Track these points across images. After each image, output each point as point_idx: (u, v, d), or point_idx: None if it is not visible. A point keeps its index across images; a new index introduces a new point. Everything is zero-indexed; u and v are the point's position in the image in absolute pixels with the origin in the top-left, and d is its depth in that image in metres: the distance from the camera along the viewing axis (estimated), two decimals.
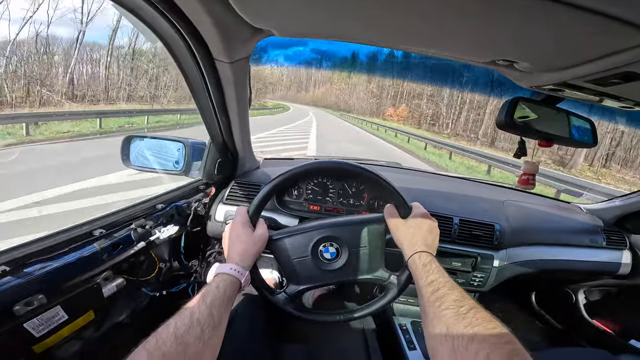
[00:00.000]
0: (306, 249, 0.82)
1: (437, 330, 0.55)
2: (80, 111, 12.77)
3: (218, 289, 0.64)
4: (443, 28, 0.57)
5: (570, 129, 0.85)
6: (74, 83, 17.11)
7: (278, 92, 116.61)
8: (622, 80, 0.62)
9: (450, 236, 1.19)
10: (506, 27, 0.52)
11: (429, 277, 0.65)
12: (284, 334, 1.07)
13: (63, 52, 17.56)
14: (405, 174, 1.66)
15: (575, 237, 1.36)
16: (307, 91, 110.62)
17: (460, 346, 0.49)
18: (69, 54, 17.59)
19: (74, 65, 16.96)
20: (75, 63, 17.18)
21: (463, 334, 0.50)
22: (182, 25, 0.61)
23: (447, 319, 0.54)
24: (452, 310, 0.55)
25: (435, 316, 0.57)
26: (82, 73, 17.75)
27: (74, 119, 9.90)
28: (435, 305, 0.59)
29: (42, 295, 0.68)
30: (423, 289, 0.64)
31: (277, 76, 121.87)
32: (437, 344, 0.54)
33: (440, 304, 0.58)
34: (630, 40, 0.46)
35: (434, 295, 0.61)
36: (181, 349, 0.51)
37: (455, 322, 0.53)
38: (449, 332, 0.52)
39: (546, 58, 0.63)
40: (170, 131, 10.99)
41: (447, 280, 0.64)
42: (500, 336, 0.48)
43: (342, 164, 0.86)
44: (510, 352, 0.45)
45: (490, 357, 0.45)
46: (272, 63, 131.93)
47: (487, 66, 0.75)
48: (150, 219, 1.03)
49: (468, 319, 0.52)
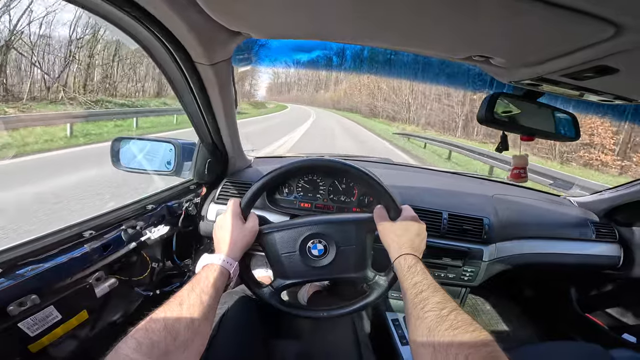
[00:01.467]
0: (294, 245, 0.83)
1: (419, 332, 0.56)
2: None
3: (207, 278, 0.65)
4: (419, 26, 0.58)
5: (552, 123, 0.86)
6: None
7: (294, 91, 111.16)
8: (597, 74, 0.62)
9: (439, 231, 1.20)
10: (479, 24, 0.52)
11: (414, 279, 0.66)
12: (276, 331, 1.08)
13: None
14: (396, 170, 1.67)
15: (565, 231, 1.37)
16: (326, 89, 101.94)
17: (441, 348, 0.50)
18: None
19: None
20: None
21: (444, 336, 0.51)
22: (158, 30, 0.62)
23: (429, 321, 0.56)
24: (434, 313, 0.56)
25: (417, 318, 0.58)
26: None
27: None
28: (419, 307, 0.60)
29: (35, 296, 0.70)
30: (407, 291, 0.65)
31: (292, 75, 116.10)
32: (419, 345, 0.55)
33: (423, 306, 0.59)
34: (600, 34, 0.46)
35: (417, 298, 0.62)
36: (170, 338, 0.51)
37: (437, 324, 0.54)
38: (430, 334, 0.53)
39: (520, 53, 0.64)
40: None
41: (431, 283, 0.65)
42: (479, 338, 0.49)
43: (335, 162, 0.87)
44: (488, 354, 0.47)
45: (469, 359, 0.46)
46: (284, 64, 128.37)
47: (465, 62, 0.76)
48: (140, 219, 1.05)
49: (449, 321, 0.53)
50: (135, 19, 0.58)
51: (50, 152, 6.14)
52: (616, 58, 0.54)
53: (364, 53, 68.82)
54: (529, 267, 1.33)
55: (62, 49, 15.56)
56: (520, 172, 0.96)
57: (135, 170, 1.17)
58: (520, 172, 0.96)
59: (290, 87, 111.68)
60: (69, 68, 15.58)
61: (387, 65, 49.71)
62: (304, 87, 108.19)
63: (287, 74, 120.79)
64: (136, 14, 0.56)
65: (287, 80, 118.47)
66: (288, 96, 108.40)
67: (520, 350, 1.03)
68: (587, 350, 1.08)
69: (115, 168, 1.15)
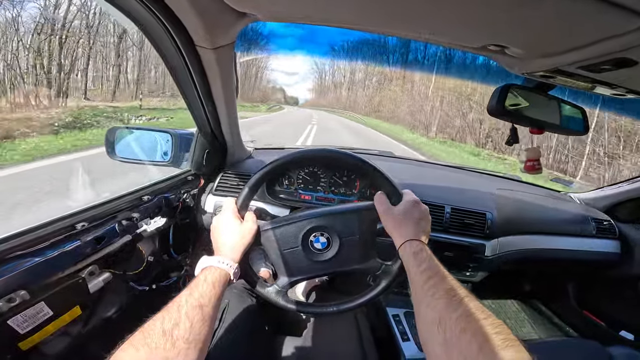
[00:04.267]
0: (296, 240, 0.80)
1: (429, 320, 0.54)
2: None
3: (206, 281, 0.62)
4: (435, 12, 0.55)
5: (561, 117, 0.84)
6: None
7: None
8: (615, 66, 0.60)
9: (442, 225, 1.19)
10: (498, 11, 0.50)
11: (421, 266, 0.64)
12: (277, 326, 1.06)
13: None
14: (398, 163, 1.66)
15: (566, 226, 1.37)
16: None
17: (452, 336, 0.48)
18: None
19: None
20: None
21: (455, 324, 0.49)
22: (158, 9, 0.58)
23: (440, 309, 0.53)
24: (444, 300, 0.54)
25: (427, 305, 0.56)
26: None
27: None
28: (428, 294, 0.57)
29: (24, 292, 0.66)
30: (414, 278, 0.63)
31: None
32: (429, 334, 0.53)
33: (433, 293, 0.57)
34: (624, 25, 0.44)
35: (427, 284, 0.59)
36: (170, 344, 0.50)
37: (448, 312, 0.52)
38: (441, 322, 0.51)
39: (539, 43, 0.62)
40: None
41: (439, 269, 0.62)
42: (493, 326, 0.47)
43: (332, 152, 0.85)
44: (502, 342, 0.44)
45: (483, 347, 0.44)
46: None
47: (479, 53, 0.74)
48: (136, 211, 1.01)
49: (461, 309, 0.51)
50: None
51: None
52: (637, 51, 0.52)
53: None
54: (530, 263, 1.33)
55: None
56: (535, 164, 0.94)
57: (130, 160, 1.14)
58: (534, 164, 0.94)
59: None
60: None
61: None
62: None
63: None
64: None
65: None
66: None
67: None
68: (585, 347, 1.09)
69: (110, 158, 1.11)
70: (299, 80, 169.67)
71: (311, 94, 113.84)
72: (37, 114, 9.96)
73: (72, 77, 15.76)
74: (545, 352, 1.04)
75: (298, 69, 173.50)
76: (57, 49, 14.75)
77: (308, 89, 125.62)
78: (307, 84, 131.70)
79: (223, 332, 0.88)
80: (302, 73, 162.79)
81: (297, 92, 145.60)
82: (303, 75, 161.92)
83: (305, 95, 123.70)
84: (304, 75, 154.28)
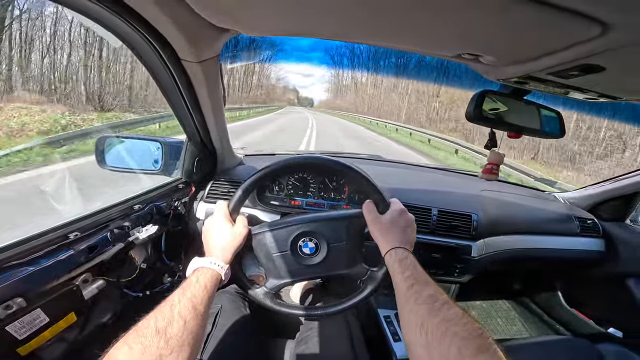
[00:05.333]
0: (286, 244, 0.82)
1: (412, 324, 0.56)
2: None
3: (198, 282, 0.64)
4: (409, 23, 0.57)
5: (538, 121, 0.87)
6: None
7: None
8: (582, 72, 0.63)
9: (429, 227, 1.21)
10: (468, 22, 0.52)
11: (405, 273, 0.66)
12: (270, 329, 1.08)
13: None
14: (386, 166, 1.68)
15: (551, 226, 1.40)
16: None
17: (434, 340, 0.51)
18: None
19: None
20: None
21: (436, 328, 0.52)
22: (143, 27, 0.60)
23: (422, 314, 0.56)
24: (426, 306, 0.57)
25: (410, 311, 0.59)
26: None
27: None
28: (411, 300, 0.60)
29: (21, 299, 0.68)
30: (399, 284, 0.66)
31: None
32: (412, 337, 0.55)
33: (416, 298, 0.59)
34: (586, 32, 0.46)
35: (410, 291, 0.62)
36: (163, 342, 0.51)
37: (430, 317, 0.54)
38: (424, 326, 0.53)
39: (508, 51, 0.64)
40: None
41: (422, 276, 0.65)
42: (471, 330, 0.50)
43: (323, 160, 0.87)
44: (480, 345, 0.47)
45: (462, 350, 0.47)
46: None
47: (456, 60, 0.76)
48: (127, 220, 1.03)
49: (442, 314, 0.54)
50: (117, 16, 0.56)
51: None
52: (602, 57, 0.54)
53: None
54: (516, 262, 1.35)
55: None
56: (493, 167, 0.95)
57: (121, 169, 1.15)
58: (493, 167, 0.95)
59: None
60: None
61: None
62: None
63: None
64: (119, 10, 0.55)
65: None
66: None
67: (510, 344, 1.05)
68: (575, 344, 1.11)
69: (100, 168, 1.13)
70: (314, 82, 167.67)
71: (327, 94, 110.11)
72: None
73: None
74: (535, 351, 1.06)
75: (314, 71, 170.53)
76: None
77: (324, 90, 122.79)
78: (324, 85, 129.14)
79: (216, 337, 0.90)
80: (318, 75, 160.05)
81: (313, 94, 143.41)
82: (319, 77, 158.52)
83: (321, 97, 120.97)
84: (320, 77, 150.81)
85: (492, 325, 1.88)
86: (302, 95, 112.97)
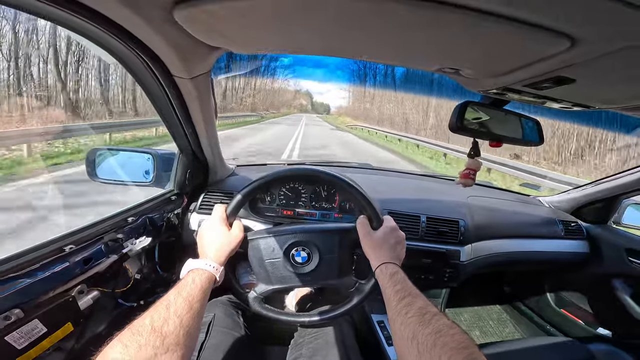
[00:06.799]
0: (279, 251, 0.85)
1: (404, 336, 0.59)
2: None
3: (194, 282, 0.65)
4: (394, 41, 0.60)
5: (518, 129, 0.91)
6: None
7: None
8: (554, 84, 0.67)
9: (418, 234, 1.24)
10: (443, 39, 0.56)
11: (396, 286, 0.69)
12: (264, 336, 1.08)
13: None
14: (375, 174, 1.71)
15: (536, 229, 1.44)
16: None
17: (424, 350, 0.53)
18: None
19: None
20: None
21: (427, 339, 0.54)
22: (135, 45, 0.62)
23: (413, 326, 0.59)
24: (417, 318, 0.60)
25: (402, 323, 0.61)
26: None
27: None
28: (402, 313, 0.63)
29: (18, 310, 0.69)
30: (390, 298, 0.68)
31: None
32: (404, 348, 0.58)
33: (407, 311, 0.62)
34: (556, 46, 0.49)
35: (400, 304, 0.65)
36: (159, 341, 0.51)
37: (420, 328, 0.57)
38: (415, 338, 0.56)
39: (484, 65, 0.68)
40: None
41: (412, 290, 0.68)
42: (459, 341, 0.52)
43: (321, 173, 0.90)
44: (468, 355, 0.50)
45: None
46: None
47: (439, 72, 0.80)
48: (121, 232, 1.03)
49: (432, 325, 0.57)
50: (110, 35, 0.58)
51: None
52: (572, 69, 0.58)
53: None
54: (504, 265, 1.38)
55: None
56: (470, 173, 0.97)
57: (112, 181, 1.15)
58: (470, 173, 0.97)
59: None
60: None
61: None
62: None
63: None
64: (111, 29, 0.56)
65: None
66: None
67: (501, 346, 1.07)
68: (565, 344, 1.14)
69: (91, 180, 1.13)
70: (331, 89, 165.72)
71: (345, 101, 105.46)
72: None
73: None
74: (527, 352, 1.08)
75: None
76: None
77: (342, 97, 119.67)
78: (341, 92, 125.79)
79: (210, 345, 0.91)
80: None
81: (329, 100, 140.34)
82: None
83: (338, 103, 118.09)
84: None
85: (484, 327, 1.90)
86: (317, 101, 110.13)
